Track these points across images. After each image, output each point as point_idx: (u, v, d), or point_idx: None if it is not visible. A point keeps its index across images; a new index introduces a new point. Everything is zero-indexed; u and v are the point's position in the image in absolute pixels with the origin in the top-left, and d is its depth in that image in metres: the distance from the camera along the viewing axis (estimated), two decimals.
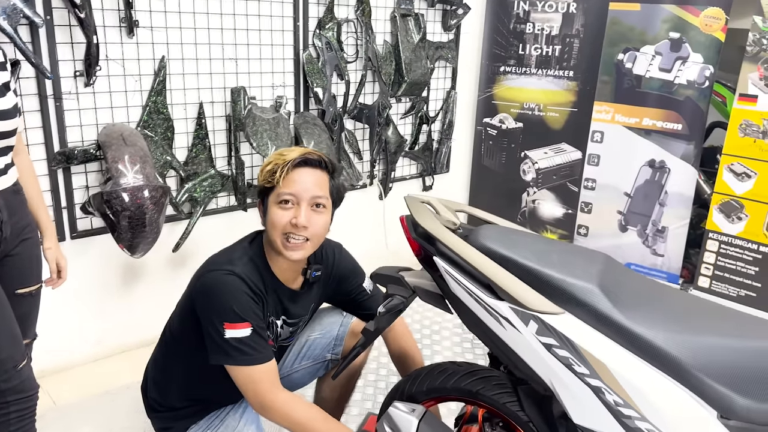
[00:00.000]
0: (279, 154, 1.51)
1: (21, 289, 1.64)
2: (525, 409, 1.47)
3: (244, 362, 1.43)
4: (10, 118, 1.52)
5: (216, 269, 1.46)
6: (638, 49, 3.24)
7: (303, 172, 1.48)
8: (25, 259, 1.64)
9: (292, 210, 1.47)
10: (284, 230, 1.46)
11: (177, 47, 2.48)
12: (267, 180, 1.49)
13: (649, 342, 1.20)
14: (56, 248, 1.79)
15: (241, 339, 1.41)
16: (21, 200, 1.62)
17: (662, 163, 3.30)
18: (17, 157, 1.66)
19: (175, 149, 2.56)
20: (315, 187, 1.49)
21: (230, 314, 1.41)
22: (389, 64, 3.20)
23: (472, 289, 1.34)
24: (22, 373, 1.53)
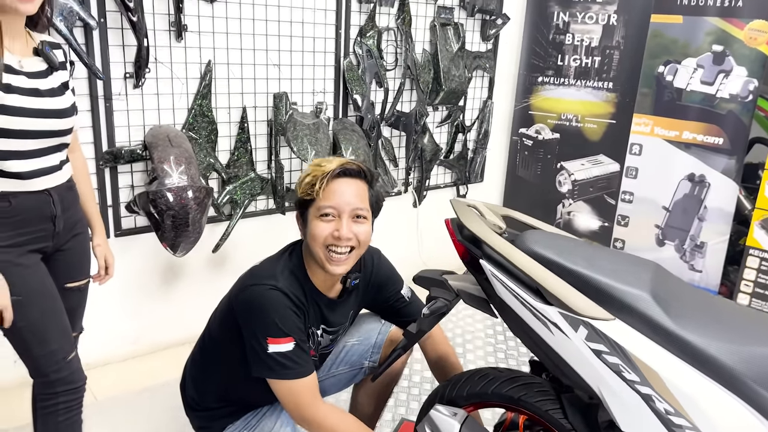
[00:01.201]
0: (317, 165, 1.49)
1: (70, 283, 1.66)
2: (568, 416, 1.46)
3: (286, 376, 1.43)
4: (68, 116, 1.55)
5: (259, 283, 1.46)
6: (680, 61, 3.21)
7: (343, 183, 1.47)
8: (76, 254, 1.67)
9: (333, 222, 1.46)
10: (326, 243, 1.46)
11: (223, 52, 2.54)
12: (306, 192, 1.47)
13: (702, 351, 1.19)
14: (105, 245, 1.82)
15: (284, 354, 1.42)
16: (74, 196, 1.65)
17: (702, 177, 3.25)
18: (72, 155, 1.69)
19: (218, 152, 2.60)
20: (355, 198, 1.48)
21: (274, 329, 1.42)
22: (427, 72, 3.23)
23: (519, 293, 1.34)
24: (72, 365, 1.57)
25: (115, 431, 2.18)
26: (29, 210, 1.49)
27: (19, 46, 1.47)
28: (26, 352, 1.52)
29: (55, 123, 1.50)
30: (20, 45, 1.47)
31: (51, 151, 1.53)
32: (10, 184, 1.46)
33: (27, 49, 1.49)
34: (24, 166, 1.46)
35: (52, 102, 1.49)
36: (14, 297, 1.43)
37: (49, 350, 1.52)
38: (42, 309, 1.51)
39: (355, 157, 2.79)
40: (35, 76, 1.47)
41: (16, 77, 1.42)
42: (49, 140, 1.51)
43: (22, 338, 1.49)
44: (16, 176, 1.45)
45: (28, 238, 1.50)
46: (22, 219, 1.48)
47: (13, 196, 1.46)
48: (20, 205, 1.47)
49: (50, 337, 1.52)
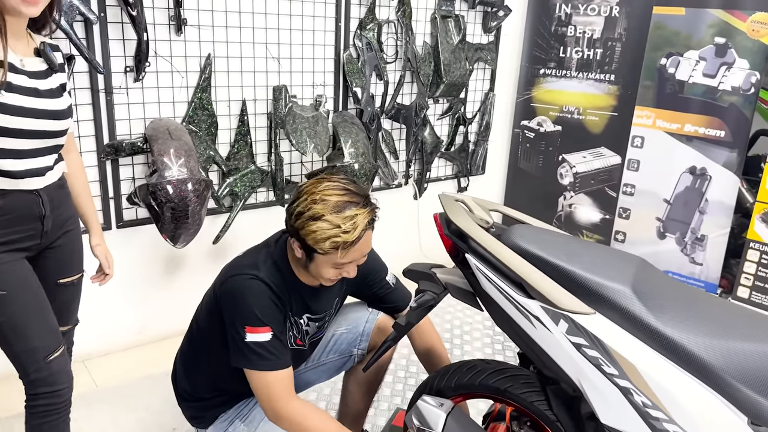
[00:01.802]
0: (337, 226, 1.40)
1: (63, 279, 1.68)
2: (553, 408, 1.48)
3: (262, 367, 1.44)
4: (64, 118, 1.56)
5: (241, 273, 1.48)
6: (682, 54, 3.20)
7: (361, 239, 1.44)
8: (67, 251, 1.68)
9: (344, 267, 1.49)
10: (331, 280, 1.52)
11: (222, 45, 2.56)
12: (324, 250, 1.42)
13: (681, 345, 1.21)
14: (103, 244, 1.83)
15: (261, 343, 1.44)
16: (64, 194, 1.66)
17: (703, 170, 3.24)
18: (68, 155, 1.70)
19: (218, 145, 2.63)
20: (368, 247, 1.49)
21: (252, 318, 1.44)
22: (428, 65, 3.23)
23: (503, 287, 1.36)
24: (52, 366, 1.54)
25: (116, 418, 2.23)
26: (18, 209, 1.50)
27: (21, 46, 1.48)
28: (7, 348, 1.52)
29: (51, 124, 1.51)
30: (22, 45, 1.48)
31: (46, 152, 1.54)
32: (2, 182, 1.46)
33: (28, 50, 1.50)
34: (18, 165, 1.47)
35: (50, 103, 1.50)
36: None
37: (30, 347, 1.51)
38: (24, 305, 1.50)
39: (355, 150, 2.81)
40: (35, 76, 1.49)
41: (18, 76, 1.44)
42: (45, 141, 1.52)
43: (2, 333, 1.49)
44: (8, 175, 1.46)
45: (15, 237, 1.50)
46: (11, 218, 1.49)
47: (2, 195, 1.46)
48: (9, 205, 1.48)
49: (31, 333, 1.51)
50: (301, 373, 1.82)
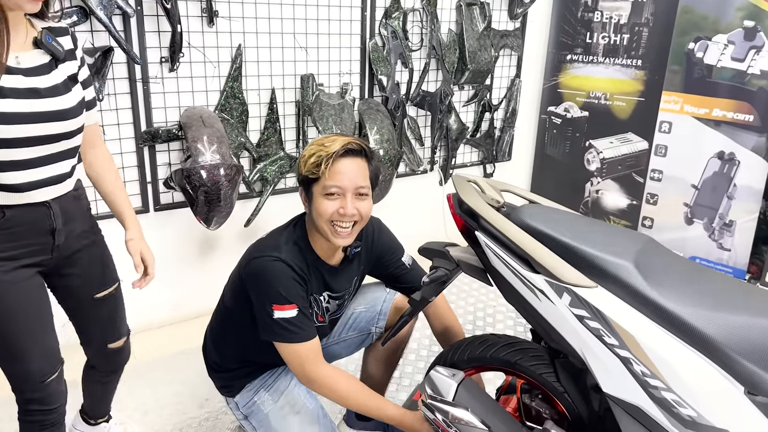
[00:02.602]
0: (320, 145, 1.55)
1: (99, 293, 1.58)
2: (561, 380, 1.55)
3: (290, 340, 1.55)
4: (72, 117, 1.37)
5: (264, 255, 1.58)
6: (710, 38, 3.17)
7: (346, 162, 1.54)
8: (94, 263, 1.57)
9: (338, 200, 1.55)
10: (331, 219, 1.56)
11: (252, 36, 2.67)
12: (311, 171, 1.54)
13: (678, 317, 1.25)
14: (139, 240, 1.62)
15: (288, 319, 1.54)
16: (80, 206, 1.52)
17: (732, 155, 3.22)
18: (93, 151, 1.59)
19: (248, 132, 2.75)
20: (358, 177, 1.56)
21: (278, 297, 1.54)
22: (453, 52, 3.28)
23: (510, 263, 1.42)
24: (49, 387, 1.49)
25: (155, 390, 2.38)
26: (25, 223, 1.36)
27: (19, 39, 1.30)
28: (2, 366, 1.46)
29: (57, 126, 1.34)
30: (20, 38, 1.30)
31: (57, 159, 1.38)
32: (5, 197, 1.32)
33: (26, 42, 1.31)
34: (22, 177, 1.32)
35: (54, 103, 1.33)
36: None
37: (26, 369, 1.44)
38: (22, 326, 1.40)
39: (380, 136, 2.90)
40: (34, 72, 1.30)
41: (12, 77, 1.26)
42: (52, 146, 1.35)
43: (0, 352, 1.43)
44: (12, 189, 1.31)
45: (22, 252, 1.38)
46: (17, 232, 1.35)
47: (8, 208, 1.32)
48: (15, 218, 1.34)
49: (28, 356, 1.42)
50: (323, 348, 1.91)
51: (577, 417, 1.54)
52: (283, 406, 1.69)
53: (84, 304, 1.57)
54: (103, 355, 1.72)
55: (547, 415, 1.61)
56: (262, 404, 1.70)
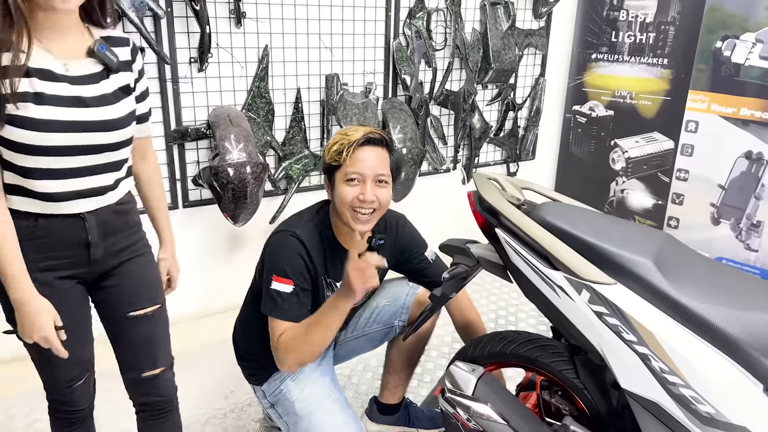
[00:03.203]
0: (343, 134, 1.63)
1: (133, 311, 1.48)
2: (581, 377, 1.56)
3: (276, 315, 1.59)
4: (119, 128, 1.33)
5: (283, 230, 1.66)
6: (738, 36, 3.13)
7: (367, 150, 1.61)
8: (135, 279, 1.49)
9: (358, 187, 1.60)
10: (352, 205, 1.61)
11: (279, 37, 2.72)
12: (334, 159, 1.62)
13: (697, 314, 1.26)
14: (171, 259, 1.65)
15: (281, 293, 1.59)
16: (125, 221, 1.45)
17: (760, 154, 3.17)
18: (143, 162, 1.56)
19: (274, 130, 2.80)
20: (378, 164, 1.62)
21: (279, 269, 1.60)
22: (477, 51, 3.30)
23: (530, 260, 1.45)
24: (75, 392, 1.50)
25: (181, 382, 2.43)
26: (56, 234, 1.32)
27: (69, 45, 1.27)
28: (35, 364, 1.46)
29: (100, 137, 1.30)
30: (70, 44, 1.27)
31: (99, 170, 1.33)
32: (37, 205, 1.29)
33: (79, 49, 1.28)
34: (58, 186, 1.28)
35: (99, 112, 1.29)
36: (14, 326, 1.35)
37: (52, 374, 1.45)
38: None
39: (403, 135, 2.93)
40: (82, 81, 1.27)
41: (55, 84, 1.23)
42: (95, 157, 1.31)
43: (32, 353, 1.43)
44: (45, 197, 1.28)
45: (56, 263, 1.34)
46: (48, 242, 1.32)
47: (41, 216, 1.30)
48: (47, 227, 1.31)
49: (55, 362, 1.39)
50: (347, 341, 1.95)
51: (596, 413, 1.56)
52: (309, 396, 1.73)
53: (117, 322, 1.49)
54: (136, 382, 1.55)
55: (566, 411, 1.63)
56: (289, 393, 1.74)
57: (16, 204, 1.29)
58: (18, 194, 1.28)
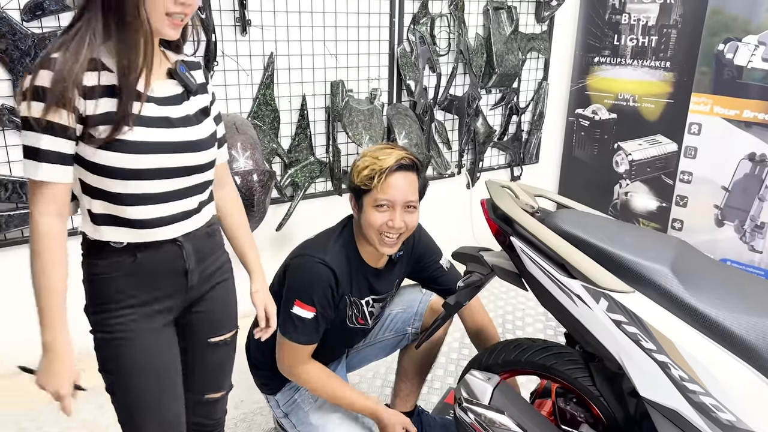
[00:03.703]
0: (375, 158, 1.60)
1: (214, 337, 1.44)
2: (597, 384, 1.56)
3: (292, 337, 1.64)
4: (204, 149, 1.29)
5: (311, 255, 1.65)
6: (740, 39, 3.14)
7: (398, 177, 1.60)
8: (220, 304, 1.44)
9: (387, 213, 1.60)
10: (380, 230, 1.62)
11: (284, 44, 2.72)
12: (364, 183, 1.60)
13: (717, 322, 1.26)
14: (264, 292, 1.54)
15: (302, 318, 1.62)
16: (214, 243, 1.41)
17: (763, 156, 3.18)
18: (222, 190, 1.47)
19: (280, 138, 2.80)
20: (408, 191, 1.62)
21: (305, 297, 1.62)
22: (480, 56, 3.30)
23: (546, 268, 1.44)
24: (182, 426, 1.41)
25: None
26: (157, 264, 1.27)
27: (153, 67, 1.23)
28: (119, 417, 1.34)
29: (189, 158, 1.25)
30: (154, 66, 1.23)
31: (188, 193, 1.28)
32: (133, 234, 1.22)
33: (160, 71, 1.25)
34: (150, 212, 1.23)
35: (185, 133, 1.25)
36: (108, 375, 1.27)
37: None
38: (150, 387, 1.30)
39: (408, 141, 2.93)
40: (166, 102, 1.23)
41: (145, 105, 1.19)
42: (184, 179, 1.26)
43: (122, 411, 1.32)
44: (141, 225, 1.22)
45: (154, 296, 1.28)
46: (149, 276, 1.26)
47: (138, 249, 1.24)
48: (147, 260, 1.25)
49: (158, 419, 1.32)
50: (360, 350, 1.95)
51: (612, 420, 1.55)
52: (322, 405, 1.73)
53: (197, 347, 1.43)
54: (196, 403, 1.50)
55: (581, 418, 1.63)
56: (303, 402, 1.74)
57: (107, 235, 1.22)
58: (110, 224, 1.22)
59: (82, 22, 1.14)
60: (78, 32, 1.13)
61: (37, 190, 1.14)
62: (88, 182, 1.19)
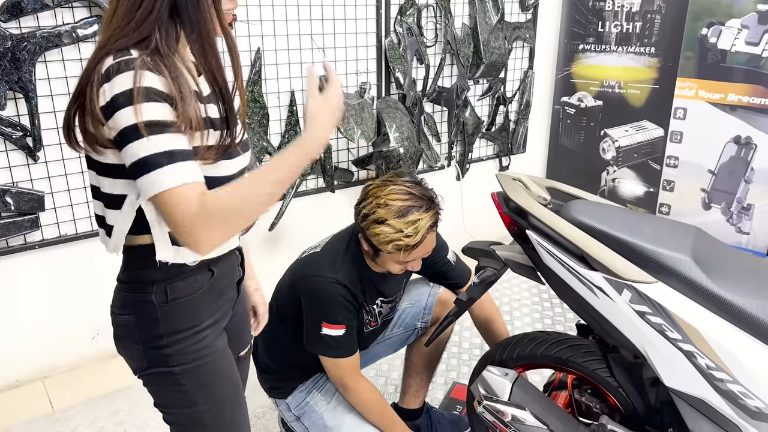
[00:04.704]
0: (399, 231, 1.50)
1: (242, 351, 1.38)
2: (615, 375, 1.55)
3: (333, 355, 1.63)
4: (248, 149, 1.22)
5: (322, 275, 1.61)
6: (723, 23, 3.16)
7: (424, 241, 1.57)
8: (243, 317, 1.37)
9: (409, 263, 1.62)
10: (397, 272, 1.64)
11: (270, 39, 2.65)
12: (387, 251, 1.54)
13: (742, 309, 1.26)
14: (260, 291, 1.48)
15: (334, 337, 1.61)
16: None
17: (748, 139, 3.22)
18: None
19: (269, 135, 2.73)
20: (431, 247, 1.63)
21: (329, 317, 1.60)
22: (467, 46, 3.27)
23: (565, 261, 1.42)
24: None
25: None
26: (225, 276, 1.21)
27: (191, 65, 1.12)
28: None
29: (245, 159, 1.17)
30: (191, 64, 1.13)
31: None
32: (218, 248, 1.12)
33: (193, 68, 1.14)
34: None
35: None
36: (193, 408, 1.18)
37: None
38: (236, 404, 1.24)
39: (399, 134, 2.88)
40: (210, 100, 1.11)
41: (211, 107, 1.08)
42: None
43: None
44: None
45: (221, 313, 1.21)
46: (218, 291, 1.19)
47: (213, 263, 1.16)
48: (220, 272, 1.18)
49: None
50: (370, 349, 1.92)
51: (631, 410, 1.55)
52: (336, 407, 1.71)
53: None
54: None
55: (598, 409, 1.62)
56: (316, 405, 1.72)
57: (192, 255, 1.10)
58: None
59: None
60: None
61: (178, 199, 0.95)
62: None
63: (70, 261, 2.40)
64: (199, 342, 1.14)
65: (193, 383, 1.15)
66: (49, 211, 2.30)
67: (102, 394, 2.36)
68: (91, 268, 2.33)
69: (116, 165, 1.02)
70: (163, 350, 1.12)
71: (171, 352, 1.13)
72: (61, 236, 2.36)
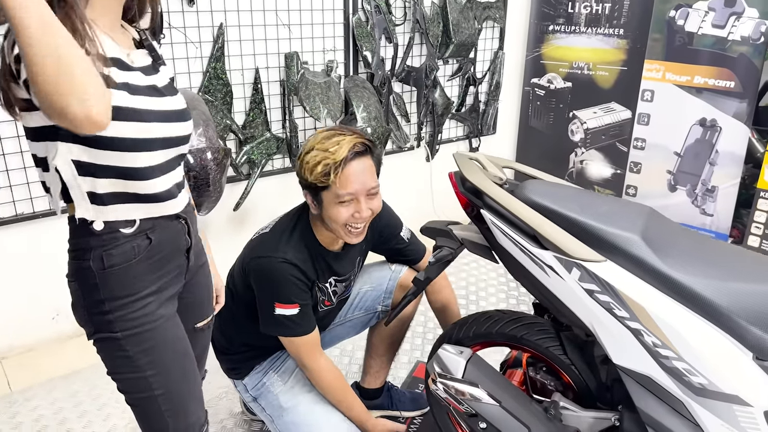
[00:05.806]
0: (324, 150, 1.50)
1: (200, 323, 1.40)
2: (567, 353, 1.57)
3: (290, 334, 1.62)
4: (189, 118, 1.24)
5: (270, 255, 1.58)
6: (691, 5, 3.18)
7: (355, 166, 1.51)
8: (203, 288, 1.38)
9: (351, 205, 1.54)
10: (346, 223, 1.56)
11: (234, 14, 2.59)
12: (320, 180, 1.50)
13: (688, 287, 1.27)
14: (216, 270, 1.50)
15: (288, 316, 1.59)
16: (196, 219, 1.33)
17: (713, 121, 3.25)
18: None
19: (233, 113, 2.69)
20: (368, 178, 1.55)
21: (281, 297, 1.58)
22: (437, 25, 3.24)
23: (517, 240, 1.43)
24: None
25: None
26: (167, 243, 1.20)
27: (123, 36, 1.16)
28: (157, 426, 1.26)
29: (179, 127, 1.19)
30: (123, 36, 1.16)
31: (176, 164, 1.21)
32: (145, 209, 1.15)
33: (129, 41, 1.17)
34: (161, 184, 1.15)
35: (173, 101, 1.19)
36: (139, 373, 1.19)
37: (187, 423, 1.29)
38: (184, 372, 1.25)
39: (367, 114, 2.86)
40: (146, 71, 1.15)
41: (134, 74, 1.11)
42: (175, 149, 1.20)
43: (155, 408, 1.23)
44: (153, 198, 1.15)
45: (166, 281, 1.21)
46: (161, 258, 1.19)
47: (151, 230, 1.16)
48: (159, 239, 1.18)
49: (190, 406, 1.28)
50: (331, 329, 1.91)
51: (584, 388, 1.57)
52: (293, 387, 1.71)
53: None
54: None
55: (552, 387, 1.64)
56: (272, 385, 1.71)
57: (115, 214, 1.12)
58: (119, 202, 1.12)
59: None
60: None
61: None
62: (92, 161, 1.07)
63: (27, 241, 2.35)
64: (139, 309, 1.16)
65: (136, 349, 1.17)
66: (3, 189, 2.25)
67: (61, 375, 2.34)
68: (50, 248, 2.29)
69: (35, 128, 1.05)
70: (105, 316, 1.15)
71: (113, 318, 1.15)
72: (17, 215, 2.31)
